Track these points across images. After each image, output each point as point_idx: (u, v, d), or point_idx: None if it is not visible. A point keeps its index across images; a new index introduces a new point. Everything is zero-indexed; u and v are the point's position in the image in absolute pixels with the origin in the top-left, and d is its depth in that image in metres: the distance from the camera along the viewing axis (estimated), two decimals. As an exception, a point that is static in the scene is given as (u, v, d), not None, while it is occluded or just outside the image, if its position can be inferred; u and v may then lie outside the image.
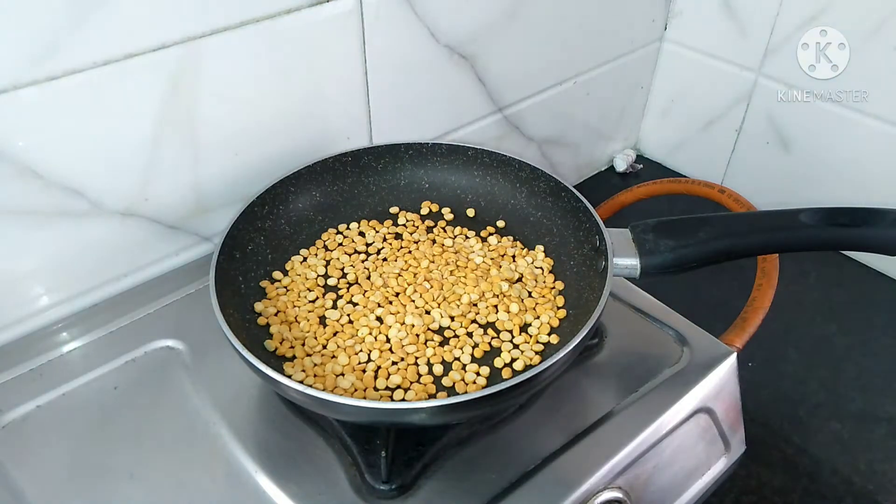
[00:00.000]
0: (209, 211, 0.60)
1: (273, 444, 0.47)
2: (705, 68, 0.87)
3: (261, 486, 0.44)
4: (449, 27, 0.66)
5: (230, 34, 0.52)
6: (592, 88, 0.87)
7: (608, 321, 0.55)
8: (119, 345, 0.53)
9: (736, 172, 0.91)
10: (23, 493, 0.44)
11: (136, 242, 0.57)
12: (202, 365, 0.52)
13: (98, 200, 0.53)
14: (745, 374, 0.54)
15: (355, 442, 0.45)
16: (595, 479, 0.45)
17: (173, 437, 0.47)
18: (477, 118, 0.76)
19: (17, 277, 0.52)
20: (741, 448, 0.54)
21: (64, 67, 0.46)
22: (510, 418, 0.48)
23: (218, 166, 0.58)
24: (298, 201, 0.58)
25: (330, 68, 0.60)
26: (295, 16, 0.55)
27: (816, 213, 0.47)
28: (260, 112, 0.58)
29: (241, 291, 0.52)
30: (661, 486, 0.49)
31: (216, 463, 0.46)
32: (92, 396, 0.50)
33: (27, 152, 0.48)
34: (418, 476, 0.45)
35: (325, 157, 0.58)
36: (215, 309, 0.44)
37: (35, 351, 0.53)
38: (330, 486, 0.44)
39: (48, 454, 0.46)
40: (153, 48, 0.49)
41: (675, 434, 0.49)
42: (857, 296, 0.66)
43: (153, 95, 0.51)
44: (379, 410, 0.40)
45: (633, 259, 0.49)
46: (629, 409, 0.49)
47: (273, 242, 0.56)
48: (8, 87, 0.45)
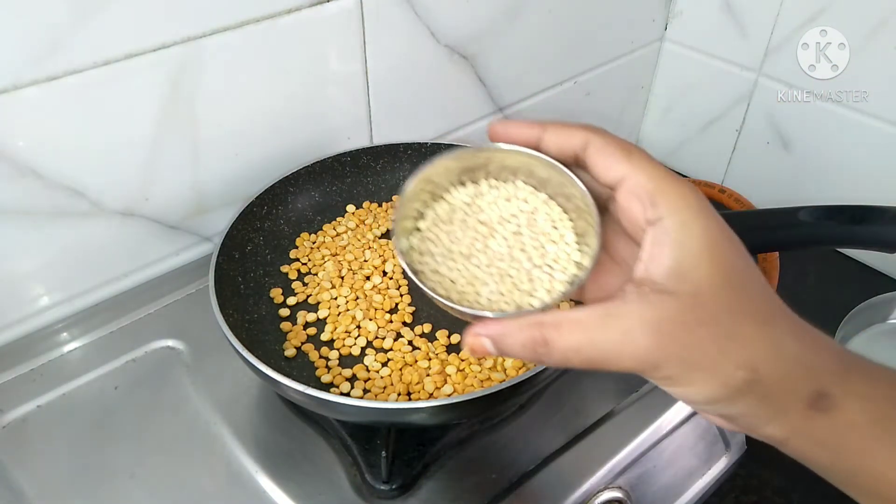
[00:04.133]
0: (209, 211, 0.60)
1: (273, 444, 0.47)
2: (706, 68, 0.87)
3: (261, 486, 0.44)
4: (449, 27, 0.66)
5: (230, 34, 0.52)
6: (592, 88, 0.87)
7: (608, 321, 0.55)
8: (119, 345, 0.53)
9: (736, 172, 0.91)
10: (23, 493, 0.44)
11: (137, 242, 0.57)
12: (202, 365, 0.52)
13: (98, 200, 0.53)
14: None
15: (356, 442, 0.45)
16: (595, 479, 0.45)
17: (173, 437, 0.47)
18: (477, 118, 0.76)
19: (18, 277, 0.52)
20: (741, 448, 0.54)
21: (64, 67, 0.46)
22: (510, 418, 0.48)
23: (218, 166, 0.58)
24: (297, 201, 0.58)
25: (330, 68, 0.60)
26: (295, 16, 0.55)
27: (815, 211, 0.47)
28: (260, 112, 0.58)
29: (240, 291, 0.52)
30: (661, 485, 0.49)
31: (216, 463, 0.46)
32: (92, 396, 0.50)
33: (27, 152, 0.48)
34: (419, 476, 0.45)
35: (324, 158, 0.58)
36: (215, 309, 0.44)
37: (35, 351, 0.53)
38: (330, 486, 0.44)
39: (48, 454, 0.46)
40: (153, 48, 0.49)
41: (675, 434, 0.49)
42: (857, 296, 0.66)
43: (153, 95, 0.51)
44: (379, 410, 0.40)
45: (633, 259, 0.48)
46: (629, 409, 0.49)
47: (272, 243, 0.56)
48: (9, 87, 0.45)
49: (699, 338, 0.26)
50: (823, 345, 0.28)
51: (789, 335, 0.27)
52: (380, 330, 0.51)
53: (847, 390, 0.27)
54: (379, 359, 0.49)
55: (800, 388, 0.26)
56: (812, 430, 0.27)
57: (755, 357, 0.26)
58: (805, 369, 0.27)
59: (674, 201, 0.26)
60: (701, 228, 0.26)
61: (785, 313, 0.27)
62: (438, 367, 0.47)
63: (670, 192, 0.27)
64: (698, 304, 0.26)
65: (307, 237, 0.58)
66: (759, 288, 0.27)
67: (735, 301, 0.26)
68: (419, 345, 0.49)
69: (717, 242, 0.26)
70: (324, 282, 0.54)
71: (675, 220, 0.26)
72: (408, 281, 0.47)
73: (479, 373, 0.47)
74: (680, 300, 0.26)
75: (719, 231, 0.27)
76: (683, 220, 0.26)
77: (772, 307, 0.27)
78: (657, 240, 0.26)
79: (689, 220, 0.26)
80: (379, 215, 0.60)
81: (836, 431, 0.27)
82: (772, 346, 0.26)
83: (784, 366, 0.26)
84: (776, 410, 0.27)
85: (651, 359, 0.26)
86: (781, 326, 0.27)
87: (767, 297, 0.27)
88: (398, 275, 0.55)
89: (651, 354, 0.26)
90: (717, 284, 0.26)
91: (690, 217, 0.26)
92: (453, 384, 0.46)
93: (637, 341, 0.26)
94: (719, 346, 0.26)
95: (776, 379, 0.26)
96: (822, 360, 0.27)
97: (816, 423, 0.27)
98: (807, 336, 0.27)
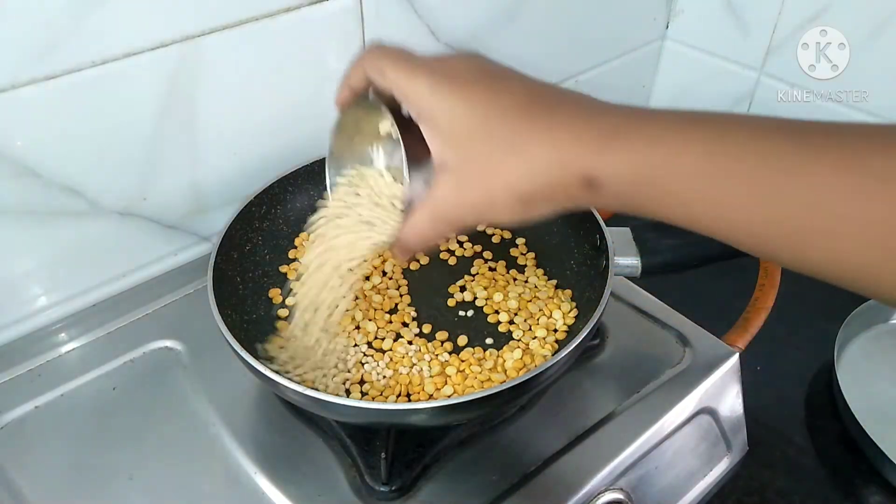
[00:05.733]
0: (208, 211, 0.60)
1: (272, 445, 0.46)
2: (707, 67, 0.87)
3: (260, 487, 0.44)
4: (449, 25, 0.65)
5: (229, 33, 0.52)
6: (593, 87, 0.87)
7: (609, 321, 0.55)
8: (118, 345, 0.53)
9: (737, 172, 0.91)
10: (22, 494, 0.44)
11: (135, 242, 0.57)
12: (201, 365, 0.51)
13: (97, 200, 0.53)
14: (748, 375, 0.54)
15: (355, 443, 0.45)
16: (597, 481, 0.44)
17: (172, 438, 0.47)
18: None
19: (16, 277, 0.52)
20: (743, 449, 0.54)
21: (63, 66, 0.46)
22: (511, 419, 0.48)
23: (216, 165, 0.58)
24: (296, 201, 0.57)
25: (329, 67, 0.60)
26: (294, 14, 0.55)
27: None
28: (259, 111, 0.58)
29: (239, 292, 0.51)
30: (662, 487, 0.49)
31: (215, 464, 0.45)
32: (91, 397, 0.50)
33: (26, 151, 0.48)
34: (418, 477, 0.44)
35: (323, 157, 0.58)
36: (213, 310, 0.44)
37: (34, 351, 0.53)
38: (329, 487, 0.44)
39: (47, 455, 0.46)
40: (152, 47, 0.49)
41: (677, 435, 0.49)
42: (858, 296, 0.66)
43: (152, 95, 0.51)
44: (378, 411, 0.40)
45: (633, 258, 0.48)
46: (631, 410, 0.49)
47: (271, 243, 0.56)
48: (7, 87, 0.45)
49: (471, 172, 0.32)
50: (583, 128, 0.30)
51: (538, 145, 0.30)
52: (379, 330, 0.50)
53: (607, 168, 0.29)
54: (378, 359, 0.48)
55: (568, 185, 0.30)
56: (600, 200, 0.31)
57: (519, 182, 0.31)
58: (560, 168, 0.30)
59: (414, 101, 0.33)
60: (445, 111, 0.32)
61: (540, 119, 0.31)
62: (438, 368, 0.47)
63: (410, 95, 0.33)
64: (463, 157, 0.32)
65: (306, 237, 0.57)
66: (510, 124, 0.31)
67: (486, 141, 0.31)
68: (419, 345, 0.49)
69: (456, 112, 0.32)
70: (323, 282, 0.54)
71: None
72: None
73: (480, 374, 0.47)
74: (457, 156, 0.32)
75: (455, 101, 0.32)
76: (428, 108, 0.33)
77: (530, 129, 0.31)
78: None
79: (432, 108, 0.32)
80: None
81: (615, 202, 0.31)
82: (526, 169, 0.31)
83: (542, 179, 0.31)
84: (563, 201, 0.32)
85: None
86: (535, 142, 0.30)
87: (517, 126, 0.31)
88: (398, 275, 0.55)
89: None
90: (472, 138, 0.31)
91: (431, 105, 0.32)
92: (453, 385, 0.46)
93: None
94: (486, 182, 0.32)
95: (541, 189, 0.31)
96: (580, 149, 0.30)
97: (599, 199, 0.30)
98: (563, 130, 0.30)
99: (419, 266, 0.56)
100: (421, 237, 0.36)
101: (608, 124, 0.30)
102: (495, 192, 0.32)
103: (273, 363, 0.44)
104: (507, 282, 0.54)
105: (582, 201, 0.31)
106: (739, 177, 0.27)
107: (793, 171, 0.26)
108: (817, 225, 0.26)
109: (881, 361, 0.65)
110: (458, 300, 0.53)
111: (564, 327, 0.50)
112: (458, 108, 0.32)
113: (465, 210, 0.33)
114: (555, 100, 0.32)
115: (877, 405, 0.59)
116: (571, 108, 0.31)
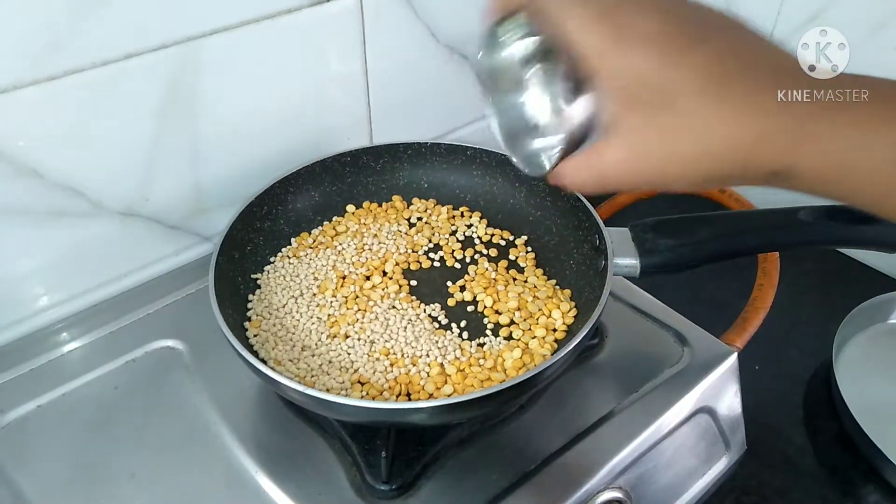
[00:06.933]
0: (209, 211, 0.60)
1: (273, 444, 0.47)
2: (706, 68, 0.87)
3: (261, 486, 0.44)
4: (449, 26, 0.66)
5: (230, 34, 0.52)
6: (592, 88, 0.87)
7: (608, 321, 0.55)
8: (119, 345, 0.53)
9: (736, 172, 0.91)
10: (23, 493, 0.44)
11: (136, 242, 0.57)
12: (202, 365, 0.52)
13: (98, 200, 0.53)
14: (746, 374, 0.54)
15: (355, 442, 0.45)
16: (596, 480, 0.45)
17: (173, 438, 0.47)
18: (477, 118, 0.76)
19: (18, 277, 0.52)
20: (742, 448, 0.54)
21: (64, 67, 0.46)
22: (511, 418, 0.48)
23: (218, 166, 0.58)
24: (297, 202, 0.58)
25: (330, 68, 0.60)
26: (295, 15, 0.55)
27: (815, 211, 0.47)
28: (259, 112, 0.58)
29: (240, 292, 0.52)
30: (661, 486, 0.49)
31: (216, 463, 0.46)
32: (92, 396, 0.50)
33: (27, 152, 0.48)
34: (419, 476, 0.45)
35: (323, 157, 0.58)
36: (214, 309, 0.44)
37: (35, 351, 0.53)
38: (330, 486, 0.44)
39: (48, 454, 0.46)
40: (153, 48, 0.49)
41: (675, 434, 0.49)
42: (857, 296, 0.66)
43: (153, 95, 0.51)
44: (379, 410, 0.40)
45: (632, 258, 0.48)
46: (630, 409, 0.49)
47: (272, 243, 0.56)
48: (8, 87, 0.45)
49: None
50: (775, 118, 0.29)
51: (725, 140, 0.29)
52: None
53: (799, 161, 0.28)
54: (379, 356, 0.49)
55: (754, 177, 0.29)
56: (786, 187, 0.30)
57: (697, 169, 0.30)
58: (746, 160, 0.29)
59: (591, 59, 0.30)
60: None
61: (730, 98, 0.29)
62: (438, 368, 0.47)
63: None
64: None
65: (306, 237, 0.58)
66: (697, 99, 0.29)
67: (670, 112, 0.29)
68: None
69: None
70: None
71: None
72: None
73: (479, 373, 0.47)
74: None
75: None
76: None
77: (718, 111, 0.29)
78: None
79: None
80: (379, 215, 0.60)
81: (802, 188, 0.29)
82: (707, 159, 0.29)
83: (725, 169, 0.29)
84: (743, 184, 0.31)
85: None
86: (722, 133, 0.29)
87: (703, 109, 0.29)
88: (398, 275, 0.55)
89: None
90: (657, 106, 0.29)
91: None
92: (453, 384, 0.46)
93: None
94: (663, 161, 0.30)
95: (720, 178, 0.30)
96: (770, 147, 0.29)
97: (784, 186, 0.29)
98: (753, 120, 0.29)
99: (419, 266, 0.56)
100: (579, 188, 0.34)
101: (802, 112, 0.29)
102: (670, 170, 0.30)
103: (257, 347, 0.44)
104: (507, 282, 0.54)
105: (765, 185, 0.30)
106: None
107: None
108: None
109: (879, 361, 0.65)
110: (457, 300, 0.53)
111: (564, 327, 0.50)
112: (649, 74, 0.29)
113: (633, 178, 0.31)
114: (751, 60, 0.30)
115: (875, 404, 0.59)
116: (768, 78, 0.30)
